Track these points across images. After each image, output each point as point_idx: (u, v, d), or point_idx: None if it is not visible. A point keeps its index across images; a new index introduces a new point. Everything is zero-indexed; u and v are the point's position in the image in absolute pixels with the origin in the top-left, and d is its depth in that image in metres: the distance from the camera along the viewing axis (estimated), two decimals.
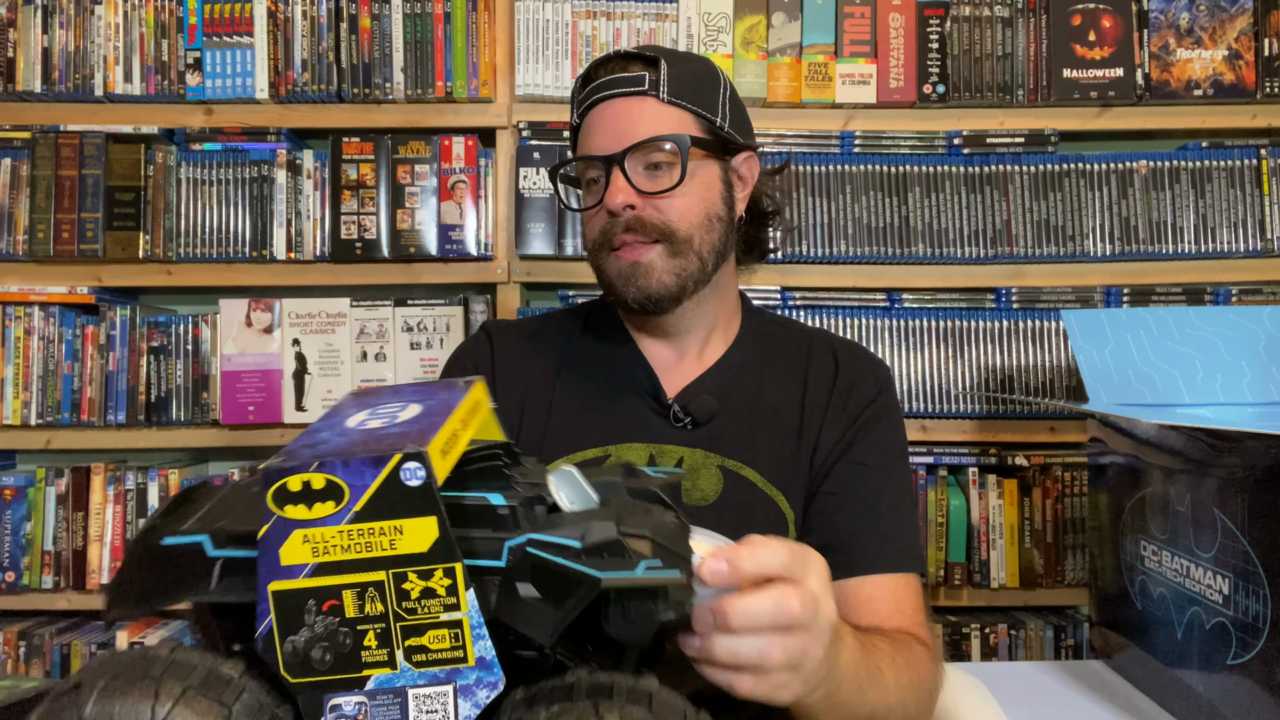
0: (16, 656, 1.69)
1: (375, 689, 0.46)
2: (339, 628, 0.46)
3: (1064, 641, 1.71)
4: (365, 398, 0.57)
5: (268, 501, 0.45)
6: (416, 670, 0.46)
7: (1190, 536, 1.06)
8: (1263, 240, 1.73)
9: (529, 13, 1.72)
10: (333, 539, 0.45)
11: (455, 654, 0.46)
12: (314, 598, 0.46)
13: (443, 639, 0.46)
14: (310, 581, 0.46)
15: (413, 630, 0.46)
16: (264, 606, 0.46)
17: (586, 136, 0.97)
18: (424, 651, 0.46)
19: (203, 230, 1.72)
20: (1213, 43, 1.75)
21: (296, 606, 0.46)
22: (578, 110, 0.99)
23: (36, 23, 1.72)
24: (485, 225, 1.73)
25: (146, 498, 1.71)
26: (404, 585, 0.46)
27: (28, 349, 1.71)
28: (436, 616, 0.46)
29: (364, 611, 0.46)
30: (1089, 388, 1.24)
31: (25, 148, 1.71)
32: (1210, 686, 1.02)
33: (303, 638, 0.46)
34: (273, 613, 0.46)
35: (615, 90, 0.95)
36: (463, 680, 0.46)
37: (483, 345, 1.06)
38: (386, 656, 0.46)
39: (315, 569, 0.45)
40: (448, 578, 0.46)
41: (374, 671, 0.46)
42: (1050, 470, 1.73)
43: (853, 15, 1.74)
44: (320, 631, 0.46)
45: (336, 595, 0.46)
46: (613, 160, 0.93)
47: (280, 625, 0.46)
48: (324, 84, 1.72)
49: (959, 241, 1.73)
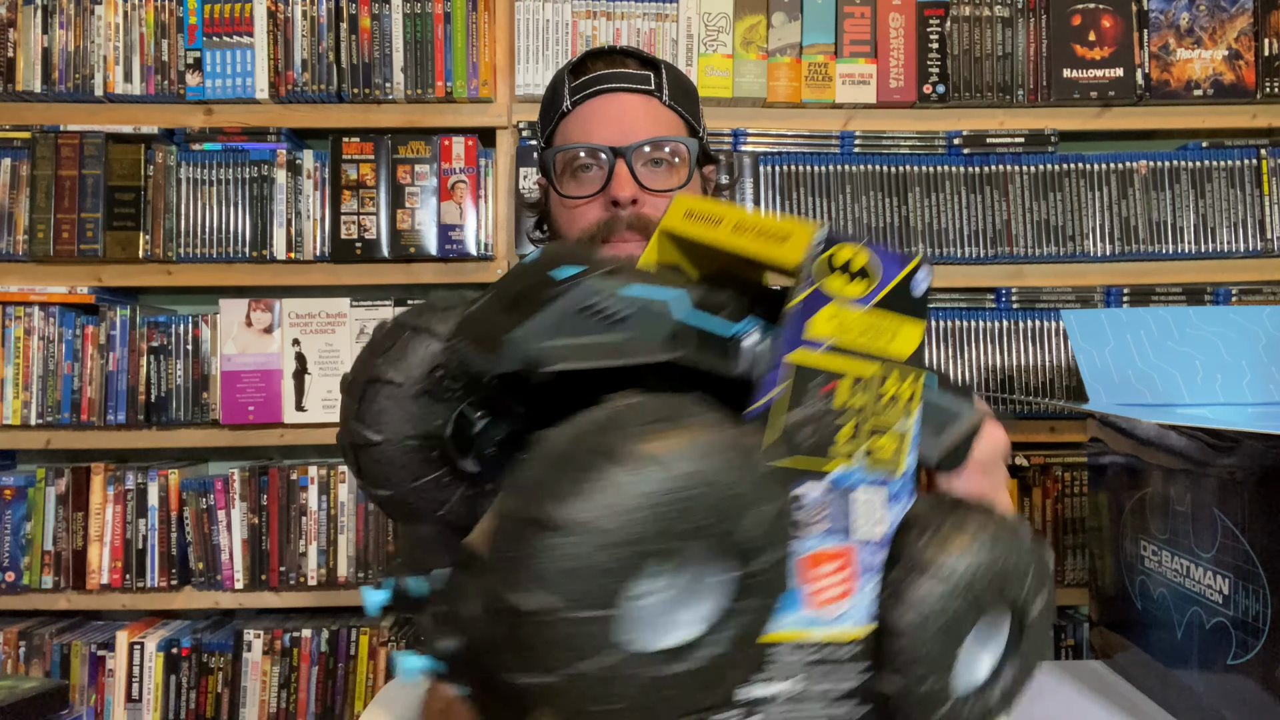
0: (16, 656, 1.69)
1: (831, 483, 0.45)
2: (827, 413, 0.44)
3: (1064, 641, 1.71)
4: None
5: (813, 268, 0.44)
6: (868, 471, 0.46)
7: (1190, 536, 1.06)
8: (1263, 240, 1.73)
9: (529, 13, 1.72)
10: (853, 322, 0.45)
11: (893, 463, 0.46)
12: (821, 378, 0.44)
13: (889, 446, 0.46)
14: (824, 360, 0.44)
15: (875, 431, 0.46)
16: (774, 375, 0.43)
17: (582, 124, 0.95)
18: (875, 455, 0.46)
19: (203, 230, 1.72)
20: (1213, 43, 1.75)
21: (805, 383, 0.44)
22: (570, 98, 0.96)
23: (36, 23, 1.71)
24: (485, 225, 1.73)
25: (146, 498, 1.71)
26: (883, 386, 0.46)
27: (28, 349, 1.71)
28: (892, 423, 0.46)
29: (849, 403, 0.45)
30: (1089, 388, 1.24)
31: (25, 148, 1.71)
32: (1210, 686, 1.02)
33: (799, 415, 0.44)
34: (790, 382, 0.44)
35: (620, 84, 0.94)
36: (892, 489, 0.46)
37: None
38: (850, 452, 0.45)
39: (830, 348, 0.45)
40: (912, 386, 0.47)
41: (836, 464, 0.45)
42: (1050, 470, 1.73)
43: (853, 15, 1.74)
44: (814, 413, 0.44)
45: (836, 380, 0.45)
46: (620, 152, 0.92)
47: (792, 398, 0.44)
48: (324, 84, 1.72)
49: (959, 241, 1.73)
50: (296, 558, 1.71)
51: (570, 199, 0.95)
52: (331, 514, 1.71)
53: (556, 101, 0.98)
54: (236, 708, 1.70)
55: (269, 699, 1.70)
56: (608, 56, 0.97)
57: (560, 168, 0.96)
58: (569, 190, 0.96)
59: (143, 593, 1.71)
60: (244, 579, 1.70)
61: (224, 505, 1.71)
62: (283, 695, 1.70)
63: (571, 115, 0.96)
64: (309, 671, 1.71)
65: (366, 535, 1.72)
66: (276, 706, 1.70)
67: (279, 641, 1.70)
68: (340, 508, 1.72)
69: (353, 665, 1.71)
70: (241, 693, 1.70)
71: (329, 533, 1.71)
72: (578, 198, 0.95)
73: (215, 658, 1.71)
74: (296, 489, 1.72)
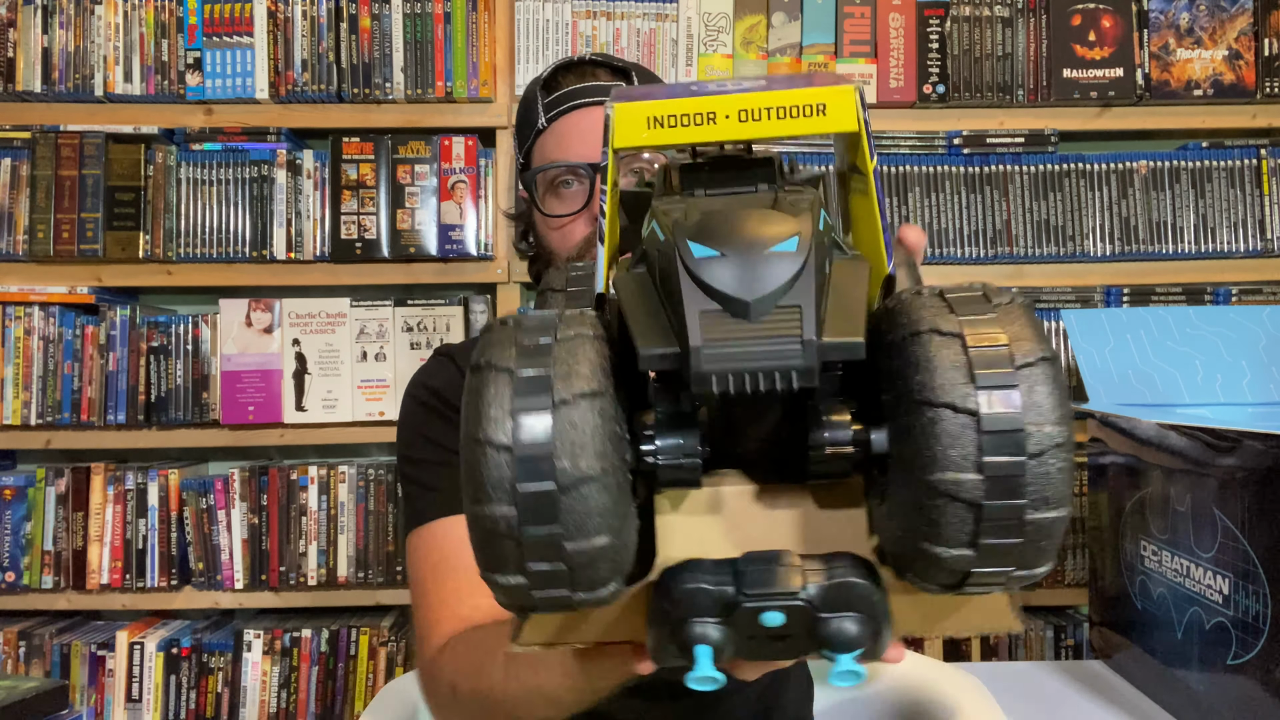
0: (16, 656, 1.69)
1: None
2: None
3: (1064, 641, 1.71)
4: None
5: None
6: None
7: (1190, 536, 1.06)
8: (1263, 240, 1.73)
9: (529, 13, 1.72)
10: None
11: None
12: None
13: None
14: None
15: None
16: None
17: (558, 142, 0.94)
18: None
19: (203, 230, 1.72)
20: (1213, 43, 1.75)
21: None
22: (544, 115, 0.95)
23: (36, 23, 1.71)
24: (485, 225, 1.73)
25: (146, 498, 1.71)
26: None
27: (28, 349, 1.71)
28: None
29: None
30: (1089, 388, 1.24)
31: (25, 148, 1.71)
32: (1210, 686, 1.02)
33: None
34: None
35: (593, 99, 0.93)
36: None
37: (446, 365, 1.01)
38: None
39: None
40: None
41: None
42: None
43: (853, 15, 1.74)
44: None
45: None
46: (599, 168, 0.91)
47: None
48: (324, 84, 1.72)
49: (959, 241, 1.73)
50: (296, 558, 1.71)
51: (554, 218, 0.94)
52: (331, 514, 1.71)
53: (531, 119, 0.96)
54: (236, 708, 1.70)
55: (269, 699, 1.70)
56: (578, 69, 0.96)
57: (542, 186, 0.95)
58: (552, 209, 0.94)
59: (143, 593, 1.70)
60: (244, 579, 1.70)
61: (224, 505, 1.71)
62: (283, 695, 1.70)
63: (548, 132, 0.95)
64: (309, 671, 1.71)
65: (366, 535, 1.72)
66: (276, 706, 1.70)
67: (279, 641, 1.70)
68: (340, 508, 1.72)
69: (353, 665, 1.71)
70: (241, 693, 1.70)
71: (329, 533, 1.71)
72: (561, 216, 0.94)
73: (215, 658, 1.71)
74: (296, 489, 1.72)
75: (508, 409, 0.35)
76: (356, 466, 1.73)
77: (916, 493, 0.35)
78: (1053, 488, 0.34)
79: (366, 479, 1.72)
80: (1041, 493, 0.34)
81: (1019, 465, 0.34)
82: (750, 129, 0.39)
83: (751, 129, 0.39)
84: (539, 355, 0.36)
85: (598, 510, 0.35)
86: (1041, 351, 0.35)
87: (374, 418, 1.72)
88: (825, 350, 0.34)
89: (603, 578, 0.37)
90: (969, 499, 0.34)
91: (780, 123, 0.39)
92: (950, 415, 0.34)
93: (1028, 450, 0.34)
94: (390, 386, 1.72)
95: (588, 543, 0.35)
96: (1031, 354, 0.35)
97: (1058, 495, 0.34)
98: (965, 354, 0.34)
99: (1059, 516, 0.35)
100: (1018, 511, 0.34)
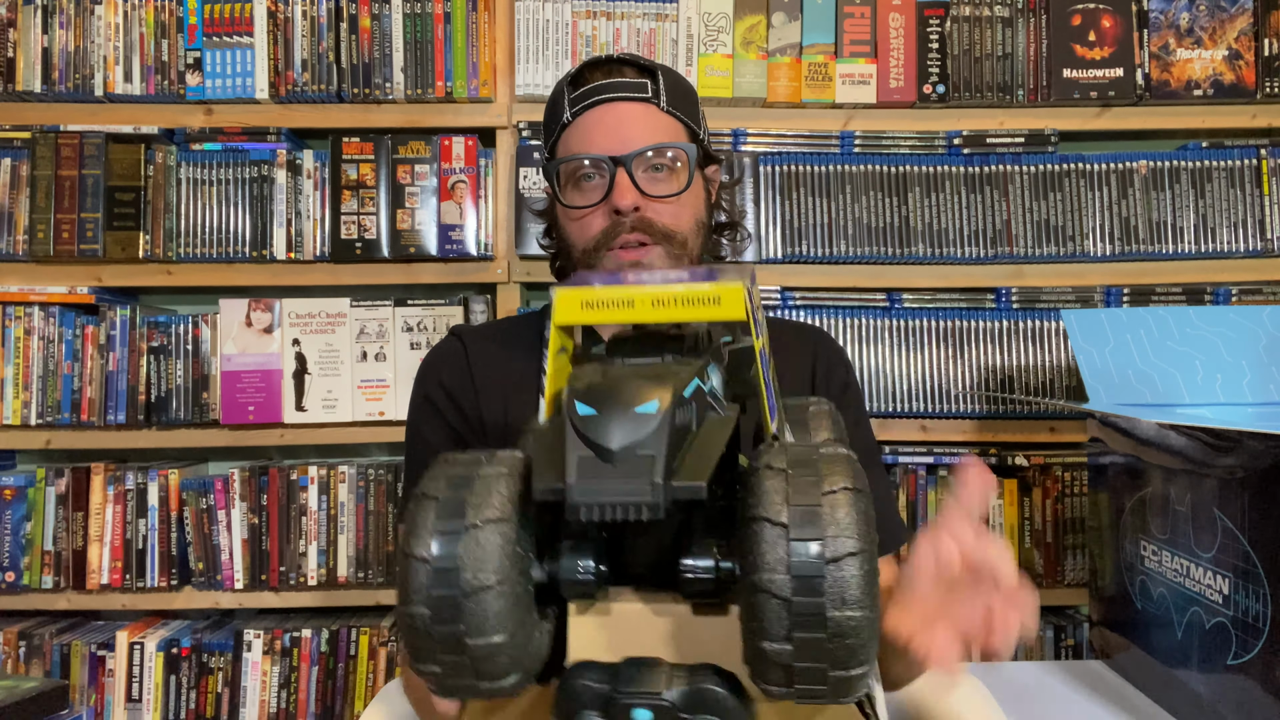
0: (16, 656, 1.69)
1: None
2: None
3: (1064, 641, 1.71)
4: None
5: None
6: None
7: (1190, 536, 1.06)
8: (1263, 240, 1.73)
9: (529, 13, 1.72)
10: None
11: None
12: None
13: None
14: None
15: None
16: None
17: (583, 135, 0.97)
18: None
19: (203, 230, 1.72)
20: (1213, 43, 1.75)
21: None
22: (570, 109, 0.99)
23: (36, 23, 1.71)
24: (485, 225, 1.73)
25: (146, 498, 1.71)
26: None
27: (28, 349, 1.71)
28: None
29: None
30: (1089, 388, 1.24)
31: (25, 148, 1.71)
32: (1210, 686, 1.02)
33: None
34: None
35: (618, 94, 0.97)
36: None
37: (455, 347, 1.07)
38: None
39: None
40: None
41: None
42: (1050, 470, 1.73)
43: (853, 15, 1.74)
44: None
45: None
46: (620, 161, 0.94)
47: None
48: (324, 84, 1.72)
49: (959, 241, 1.73)
50: (296, 558, 1.71)
51: (574, 209, 0.98)
52: (331, 514, 1.71)
53: (557, 113, 1.00)
54: (236, 708, 1.70)
55: (269, 699, 1.70)
56: (605, 66, 0.99)
57: (564, 179, 1.00)
58: (572, 200, 0.99)
59: (143, 593, 1.71)
60: (244, 579, 1.70)
61: (224, 505, 1.71)
62: (283, 695, 1.70)
63: (572, 126, 0.99)
64: (309, 671, 1.71)
65: (366, 535, 1.72)
66: (276, 706, 1.70)
67: (279, 641, 1.70)
68: (340, 508, 1.72)
69: (353, 665, 1.71)
70: (241, 693, 1.70)
71: (329, 533, 1.71)
72: (581, 207, 0.98)
73: (215, 658, 1.71)
74: (296, 489, 1.72)
75: (430, 530, 0.43)
76: (356, 466, 1.73)
77: (749, 593, 0.42)
78: (850, 591, 0.40)
79: (366, 479, 1.72)
80: (840, 594, 0.40)
81: (819, 568, 0.40)
82: (660, 313, 0.47)
83: (661, 313, 0.47)
84: (460, 488, 0.44)
85: (494, 614, 0.43)
86: (846, 483, 0.42)
87: (374, 418, 1.72)
88: (671, 491, 0.41)
89: (503, 670, 0.44)
90: (781, 595, 0.41)
91: (684, 309, 0.47)
92: (769, 527, 0.41)
93: (826, 556, 0.41)
94: (390, 386, 1.72)
95: (485, 640, 0.43)
96: (837, 485, 0.42)
97: (855, 598, 0.40)
98: (786, 483, 0.42)
99: (859, 616, 0.41)
100: (820, 608, 0.40)
